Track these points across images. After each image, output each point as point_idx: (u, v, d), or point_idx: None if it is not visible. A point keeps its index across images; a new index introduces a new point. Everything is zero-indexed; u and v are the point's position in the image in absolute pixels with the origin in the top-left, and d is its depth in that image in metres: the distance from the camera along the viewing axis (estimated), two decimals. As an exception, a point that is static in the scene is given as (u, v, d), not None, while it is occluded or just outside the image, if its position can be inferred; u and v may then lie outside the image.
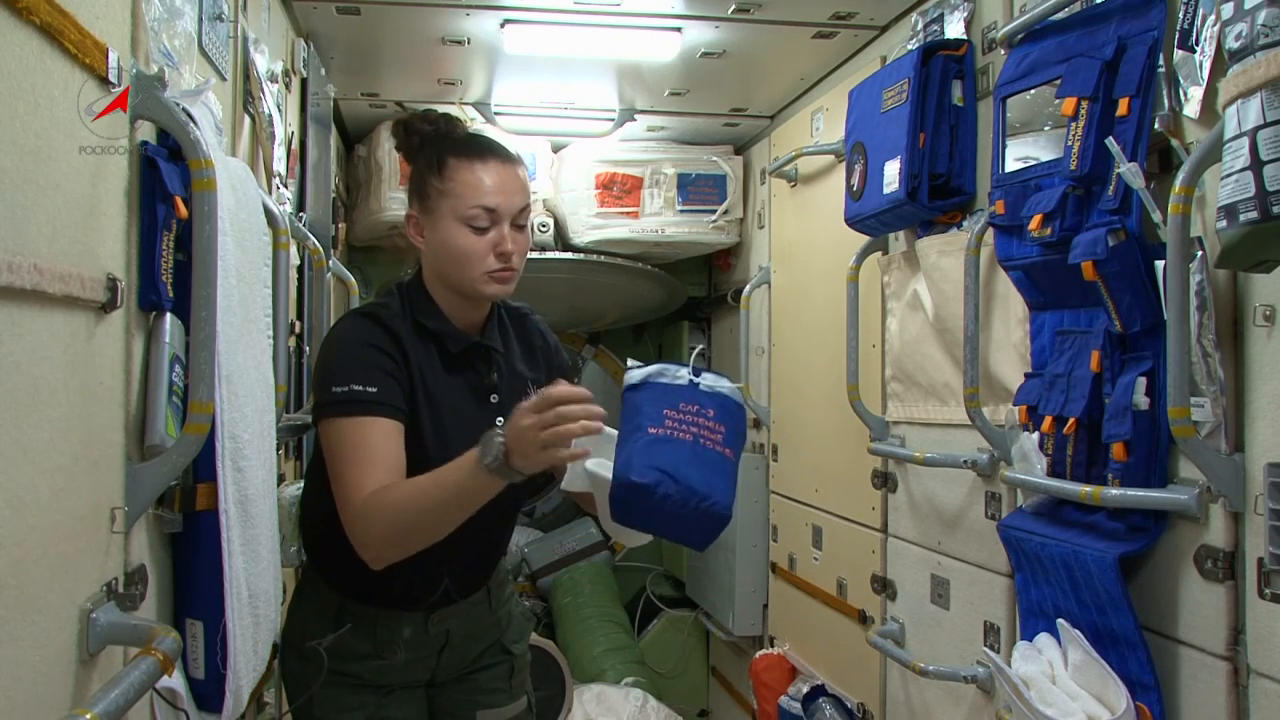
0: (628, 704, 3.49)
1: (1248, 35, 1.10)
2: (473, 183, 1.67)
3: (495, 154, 1.71)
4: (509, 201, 1.68)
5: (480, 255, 1.67)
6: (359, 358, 1.62)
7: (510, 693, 1.92)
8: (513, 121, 3.34)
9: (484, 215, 1.66)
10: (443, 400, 1.69)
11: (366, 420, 1.58)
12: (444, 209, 1.68)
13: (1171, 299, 1.36)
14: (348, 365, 1.61)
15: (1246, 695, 1.37)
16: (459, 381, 1.73)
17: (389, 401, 1.60)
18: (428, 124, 1.74)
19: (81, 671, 1.11)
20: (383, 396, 1.60)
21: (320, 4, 2.38)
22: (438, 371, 1.70)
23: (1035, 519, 1.74)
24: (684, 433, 1.46)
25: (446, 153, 1.70)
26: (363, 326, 1.68)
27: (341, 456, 1.58)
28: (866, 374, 2.44)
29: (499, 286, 1.70)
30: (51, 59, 1.03)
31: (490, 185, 1.67)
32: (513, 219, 1.69)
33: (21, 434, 0.97)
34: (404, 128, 1.78)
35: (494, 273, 1.68)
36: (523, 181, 1.74)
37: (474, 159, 1.69)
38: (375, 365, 1.62)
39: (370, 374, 1.60)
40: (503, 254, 1.67)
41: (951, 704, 2.11)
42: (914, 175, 2.05)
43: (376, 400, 1.59)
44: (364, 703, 1.74)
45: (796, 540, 3.04)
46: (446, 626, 1.78)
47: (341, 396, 1.58)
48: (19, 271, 0.93)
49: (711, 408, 1.49)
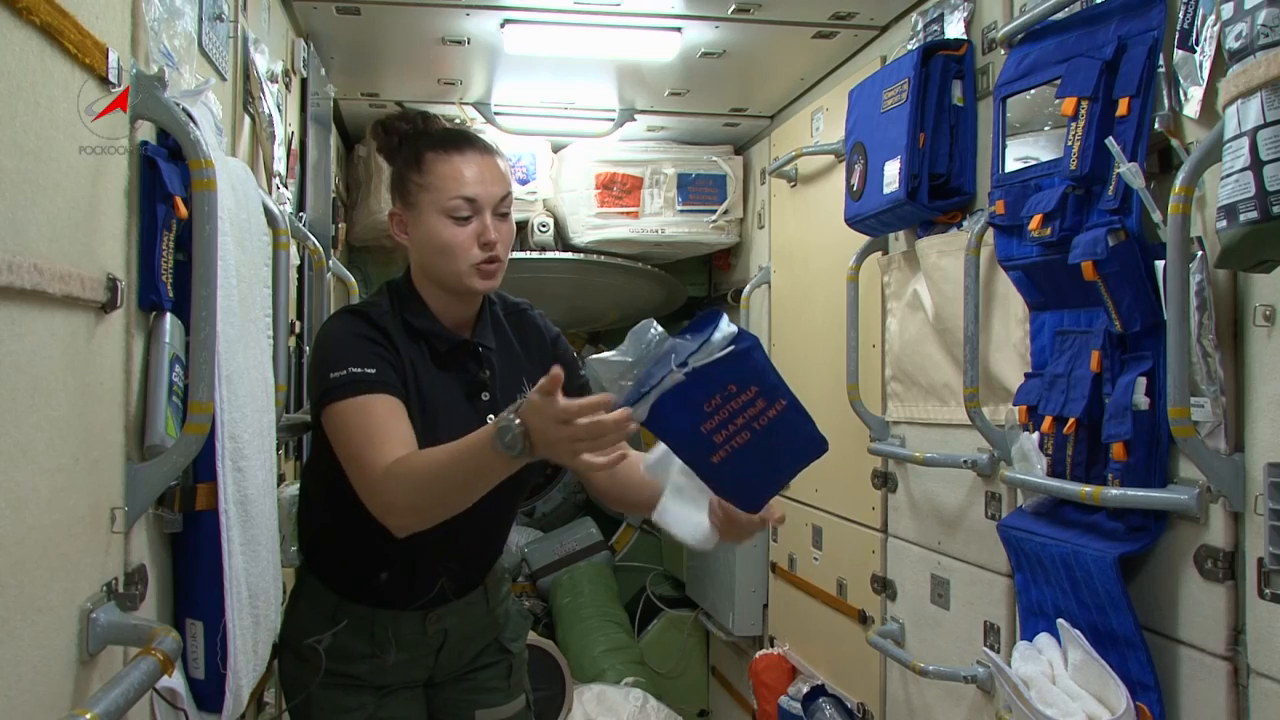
0: (628, 704, 3.49)
1: (1248, 35, 1.10)
2: (451, 174, 1.68)
3: (472, 145, 1.72)
4: (489, 190, 1.69)
5: (465, 246, 1.67)
6: (353, 346, 1.63)
7: (508, 692, 1.92)
8: (513, 121, 3.34)
9: (465, 205, 1.67)
10: (433, 397, 1.69)
11: (371, 398, 1.58)
12: (425, 203, 1.69)
13: (1171, 299, 1.36)
14: (343, 352, 1.62)
15: (1246, 695, 1.37)
16: (450, 379, 1.72)
17: (388, 380, 1.61)
18: (405, 122, 1.76)
19: (81, 671, 1.11)
20: (381, 376, 1.60)
21: (320, 4, 2.38)
22: (428, 368, 1.70)
23: (1035, 519, 1.74)
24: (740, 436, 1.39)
25: (424, 148, 1.71)
26: (353, 322, 1.68)
27: (350, 438, 1.57)
28: (866, 374, 2.44)
29: (485, 281, 1.70)
30: (51, 59, 1.03)
31: (469, 176, 1.68)
32: (494, 208, 1.69)
33: (21, 434, 0.97)
34: (382, 128, 1.79)
35: (479, 265, 1.68)
36: (502, 171, 1.74)
37: (451, 151, 1.70)
38: (370, 351, 1.62)
39: (366, 358, 1.61)
40: (486, 243, 1.67)
41: (951, 704, 2.11)
42: (914, 175, 2.05)
43: (376, 380, 1.59)
44: (362, 703, 1.74)
45: (796, 540, 3.04)
46: (444, 626, 1.78)
47: (341, 380, 1.58)
48: (19, 271, 0.93)
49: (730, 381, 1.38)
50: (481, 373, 1.75)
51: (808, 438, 1.44)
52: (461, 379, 1.74)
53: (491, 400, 1.74)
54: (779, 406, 1.40)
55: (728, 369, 1.37)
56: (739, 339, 1.38)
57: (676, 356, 1.37)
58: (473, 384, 1.74)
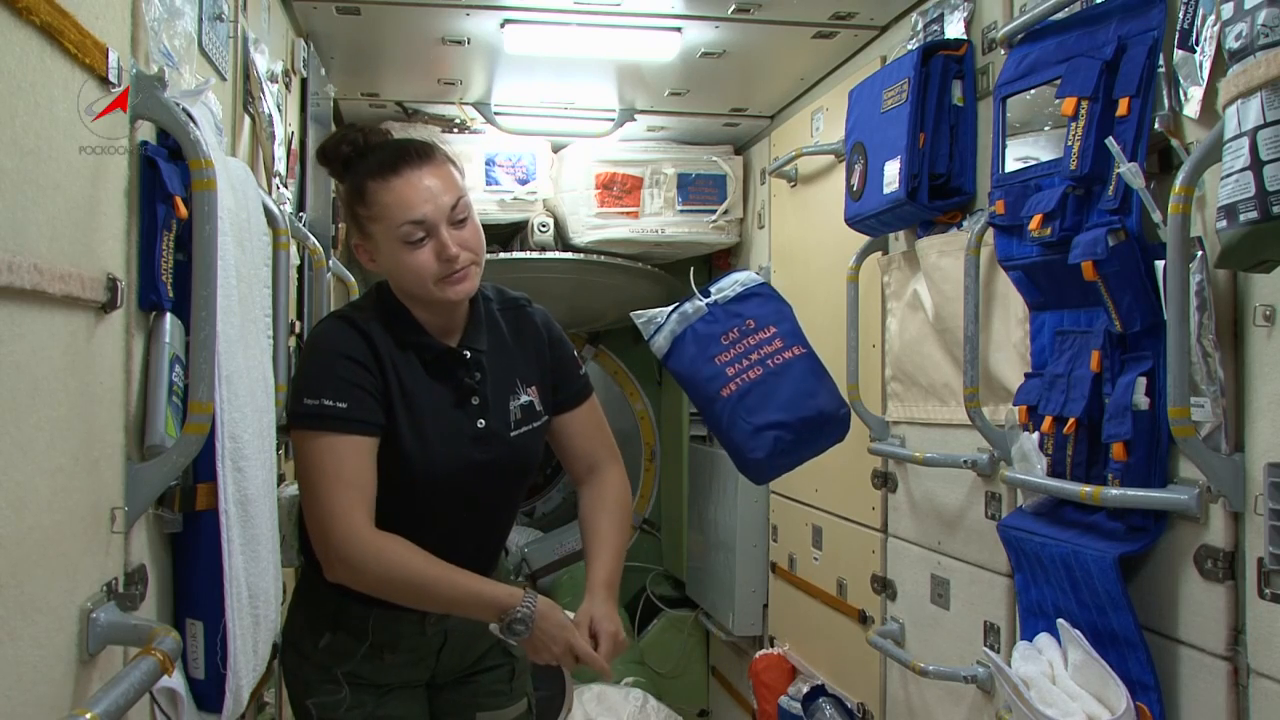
0: (628, 704, 3.49)
1: (1248, 35, 1.10)
2: (395, 202, 1.61)
3: (410, 162, 1.64)
4: (438, 205, 1.62)
5: (427, 266, 1.62)
6: (333, 369, 1.61)
7: (511, 695, 1.91)
8: (513, 121, 3.34)
9: (416, 229, 1.61)
10: (422, 402, 1.68)
11: (337, 439, 1.58)
12: (378, 233, 1.64)
13: (1171, 299, 1.36)
14: (321, 377, 1.61)
15: (1246, 695, 1.37)
16: (438, 384, 1.71)
17: (358, 417, 1.60)
18: (345, 145, 1.70)
19: (81, 671, 1.11)
20: (352, 412, 1.59)
21: (320, 4, 2.38)
22: (417, 374, 1.68)
23: (1035, 519, 1.74)
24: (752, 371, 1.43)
25: (363, 178, 1.65)
26: (341, 333, 1.66)
27: (309, 475, 1.59)
28: (866, 374, 2.44)
29: (457, 288, 1.65)
30: (51, 59, 1.03)
31: (414, 198, 1.61)
32: (448, 219, 1.63)
33: (21, 434, 0.97)
34: (322, 156, 1.74)
35: (447, 279, 1.64)
36: (448, 177, 1.67)
37: (390, 176, 1.63)
38: (347, 378, 1.61)
39: (341, 387, 1.59)
40: (447, 259, 1.62)
41: (951, 704, 2.11)
42: (914, 175, 2.05)
43: (345, 416, 1.59)
44: (362, 702, 1.74)
45: (796, 540, 3.04)
46: (444, 627, 1.78)
47: (312, 410, 1.58)
48: (19, 271, 0.93)
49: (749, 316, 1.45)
50: (470, 377, 1.72)
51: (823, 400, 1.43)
52: (450, 384, 1.72)
53: (482, 404, 1.72)
54: (795, 351, 1.46)
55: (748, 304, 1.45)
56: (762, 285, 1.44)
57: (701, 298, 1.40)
58: (461, 389, 1.72)
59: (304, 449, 1.61)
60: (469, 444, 1.70)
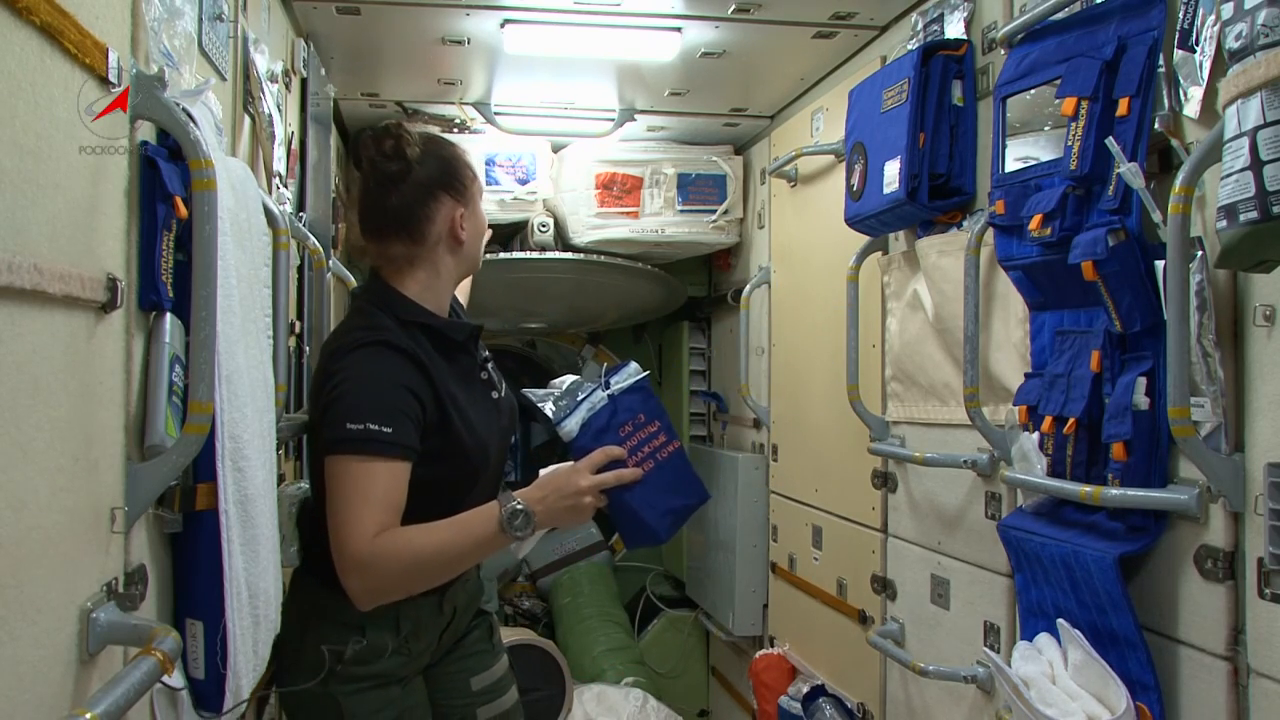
0: (628, 704, 3.49)
1: (1248, 35, 1.10)
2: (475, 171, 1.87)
3: None
4: None
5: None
6: (381, 396, 1.63)
7: (494, 652, 1.97)
8: (513, 121, 3.34)
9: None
10: (465, 403, 1.76)
11: (377, 463, 1.59)
12: (475, 192, 1.83)
13: (1171, 299, 1.36)
14: (369, 404, 1.62)
15: (1246, 695, 1.37)
16: (469, 381, 1.81)
17: (400, 441, 1.62)
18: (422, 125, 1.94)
19: (81, 671, 1.11)
20: (396, 437, 1.61)
21: (320, 4, 2.38)
22: (445, 370, 1.76)
23: (1035, 519, 1.74)
24: (647, 462, 1.72)
25: (445, 141, 1.87)
26: (389, 362, 1.67)
27: (342, 494, 1.59)
28: (866, 374, 2.44)
29: None
30: (51, 59, 1.03)
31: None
32: None
33: (21, 434, 0.97)
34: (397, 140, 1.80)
35: None
36: None
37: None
38: (395, 405, 1.63)
39: (388, 413, 1.61)
40: None
41: (951, 704, 2.11)
42: (914, 175, 2.05)
43: (389, 440, 1.60)
44: (391, 700, 1.75)
45: (796, 540, 3.04)
46: (455, 604, 1.83)
47: (356, 435, 1.59)
48: (19, 271, 0.93)
49: (640, 411, 1.75)
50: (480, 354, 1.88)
51: (692, 482, 1.78)
52: (465, 365, 1.82)
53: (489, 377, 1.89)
54: (674, 446, 1.75)
55: (637, 398, 1.75)
56: (645, 379, 1.79)
57: (598, 386, 1.76)
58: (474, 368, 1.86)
59: (339, 471, 1.60)
60: (495, 417, 1.83)
